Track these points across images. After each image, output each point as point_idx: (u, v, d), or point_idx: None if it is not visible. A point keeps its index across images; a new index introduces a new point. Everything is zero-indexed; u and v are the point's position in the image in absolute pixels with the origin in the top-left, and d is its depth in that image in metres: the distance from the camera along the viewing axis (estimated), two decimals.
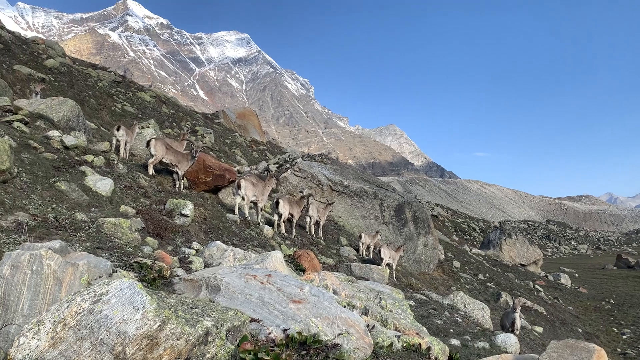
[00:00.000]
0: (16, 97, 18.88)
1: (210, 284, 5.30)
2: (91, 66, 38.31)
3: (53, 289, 3.77)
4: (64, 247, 4.52)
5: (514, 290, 28.04)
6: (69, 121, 13.59)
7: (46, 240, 4.60)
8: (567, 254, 75.64)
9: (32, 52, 29.06)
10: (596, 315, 30.04)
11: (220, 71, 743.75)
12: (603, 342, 24.44)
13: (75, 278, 3.90)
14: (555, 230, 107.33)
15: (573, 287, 37.18)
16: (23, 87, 21.88)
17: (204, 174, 12.64)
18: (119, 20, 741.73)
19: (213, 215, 10.11)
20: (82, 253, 4.59)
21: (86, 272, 4.00)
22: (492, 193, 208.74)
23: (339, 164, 26.72)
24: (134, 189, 9.56)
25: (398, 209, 23.22)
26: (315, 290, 5.29)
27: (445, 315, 9.92)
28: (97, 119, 24.09)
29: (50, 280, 3.77)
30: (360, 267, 11.46)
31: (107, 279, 4.16)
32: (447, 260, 28.14)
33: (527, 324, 21.29)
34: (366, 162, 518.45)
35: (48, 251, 3.84)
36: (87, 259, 4.20)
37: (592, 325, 27.56)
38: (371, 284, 7.29)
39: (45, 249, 3.86)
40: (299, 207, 14.34)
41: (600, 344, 24.13)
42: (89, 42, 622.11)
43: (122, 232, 7.05)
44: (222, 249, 7.64)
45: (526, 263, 42.82)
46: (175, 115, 35.61)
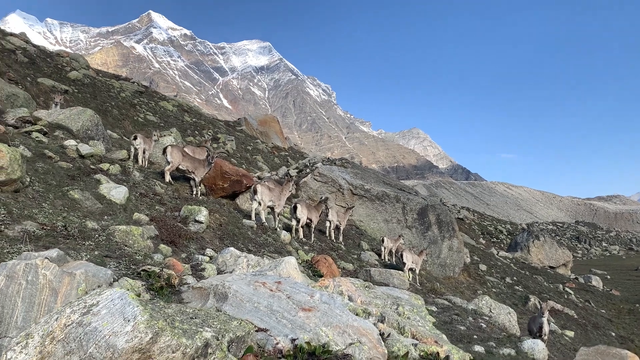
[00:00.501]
0: (40, 108, 19.13)
1: (218, 292, 5.13)
2: (114, 77, 38.85)
3: (48, 299, 3.64)
4: (61, 256, 4.39)
5: (542, 293, 27.31)
6: (88, 130, 13.67)
7: (52, 249, 4.48)
8: (598, 256, 73.75)
9: (56, 65, 29.57)
10: (630, 318, 29.05)
11: (243, 80, 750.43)
12: (638, 346, 23.58)
13: (71, 288, 3.76)
14: (585, 232, 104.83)
15: (605, 290, 36.09)
16: (47, 99, 22.22)
17: (221, 180, 12.55)
18: (144, 32, 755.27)
19: (229, 222, 9.98)
20: (80, 262, 4.47)
21: (83, 281, 3.86)
22: (519, 195, 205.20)
23: (360, 167, 26.46)
24: (149, 197, 9.49)
25: (421, 212, 22.83)
26: (326, 297, 5.08)
27: (468, 321, 9.57)
28: (120, 129, 24.36)
29: (45, 291, 3.64)
30: (380, 272, 11.18)
31: (106, 288, 4.01)
32: (473, 264, 27.58)
33: (557, 328, 20.65)
34: (390, 166, 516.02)
35: (44, 260, 3.71)
36: (85, 267, 4.07)
37: (625, 328, 26.65)
38: (389, 290, 7.03)
39: (42, 259, 3.73)
40: (317, 211, 14.14)
41: (634, 348, 23.29)
42: (115, 54, 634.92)
43: (133, 239, 6.95)
44: (235, 255, 7.48)
45: (555, 265, 41.79)
46: (197, 123, 35.82)
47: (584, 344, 20.98)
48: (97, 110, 25.42)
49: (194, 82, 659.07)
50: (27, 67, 25.44)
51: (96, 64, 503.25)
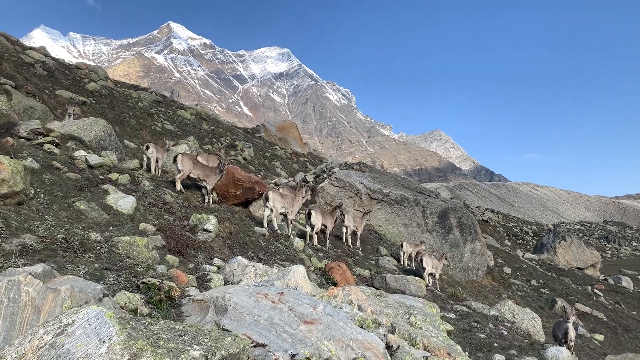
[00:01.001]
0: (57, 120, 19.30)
1: (218, 305, 4.91)
2: (132, 88, 39.22)
3: (31, 318, 3.46)
4: (48, 271, 4.22)
5: (570, 295, 26.55)
6: (101, 141, 13.66)
7: (38, 265, 4.32)
8: (628, 255, 71.84)
9: (75, 77, 29.93)
10: None
11: (263, 87, 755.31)
12: None
13: (55, 305, 3.58)
14: (614, 231, 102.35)
15: (636, 291, 34.99)
16: (64, 111, 22.39)
17: (233, 188, 12.38)
18: (164, 43, 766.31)
19: (239, 230, 9.77)
20: (68, 277, 4.29)
21: (69, 297, 3.68)
22: (545, 195, 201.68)
23: (378, 171, 26.12)
24: (158, 206, 9.36)
25: (442, 215, 22.40)
26: (329, 309, 4.82)
27: (489, 328, 9.17)
28: (137, 139, 24.47)
29: (28, 309, 3.46)
30: (396, 279, 10.84)
31: (93, 304, 3.82)
32: (497, 267, 26.97)
33: (585, 332, 19.99)
34: (412, 169, 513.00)
35: (27, 277, 3.54)
36: (71, 283, 3.89)
37: None
38: (402, 298, 6.74)
39: (25, 275, 3.56)
40: (332, 217, 13.85)
41: None
42: (136, 66, 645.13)
43: (137, 250, 6.79)
44: (242, 264, 7.27)
45: (583, 266, 40.71)
46: (215, 131, 35.92)
47: (614, 348, 20.29)
48: (114, 121, 25.72)
49: (214, 91, 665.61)
50: (46, 80, 25.77)
51: (118, 75, 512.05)
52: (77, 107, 18.71)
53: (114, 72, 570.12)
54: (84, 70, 34.00)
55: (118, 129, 25.15)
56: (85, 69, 34.97)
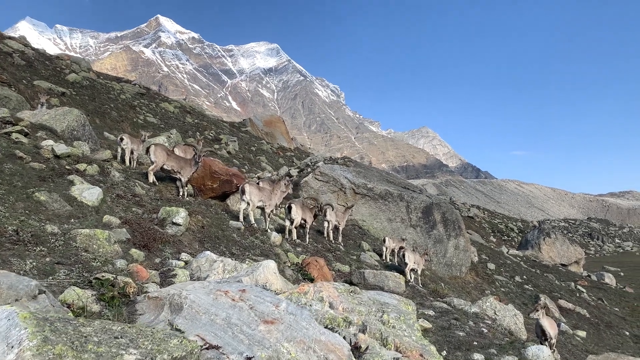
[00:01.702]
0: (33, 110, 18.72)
1: (173, 303, 4.56)
2: (115, 80, 38.51)
3: None
4: None
5: (553, 292, 26.50)
6: (74, 131, 13.18)
7: None
8: (611, 252, 72.46)
9: (55, 68, 29.25)
10: None
11: (252, 82, 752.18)
12: None
13: None
14: (598, 228, 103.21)
15: (618, 287, 35.12)
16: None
17: (210, 180, 11.99)
18: (152, 36, 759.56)
19: (212, 223, 9.39)
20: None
21: None
22: (530, 192, 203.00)
23: (363, 166, 25.83)
24: (127, 198, 8.94)
25: (426, 210, 22.17)
26: (292, 307, 4.49)
27: (468, 326, 8.90)
28: (118, 130, 23.89)
29: None
30: (375, 275, 10.54)
31: (27, 302, 3.46)
32: (481, 263, 26.84)
33: (568, 328, 19.92)
34: (399, 165, 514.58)
35: None
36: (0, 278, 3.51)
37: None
38: (377, 295, 6.42)
39: None
40: (312, 212, 13.52)
41: None
42: (124, 59, 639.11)
43: (98, 244, 6.40)
44: (211, 259, 6.91)
45: (567, 263, 40.86)
46: (199, 124, 35.38)
47: (596, 344, 20.24)
48: (94, 112, 25.14)
49: (202, 85, 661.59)
50: (24, 70, 25.10)
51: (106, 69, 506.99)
52: (49, 96, 18.12)
53: (101, 65, 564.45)
54: (66, 62, 33.27)
55: (98, 121, 24.58)
56: (67, 60, 34.23)
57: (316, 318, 5.49)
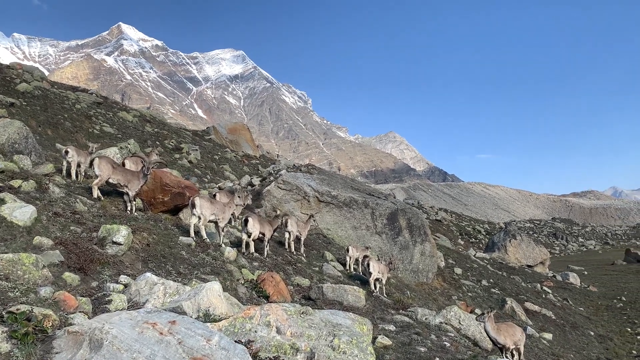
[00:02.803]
0: None
1: (93, 339, 4.04)
2: (71, 89, 37.22)
3: None
4: None
5: (520, 294, 26.63)
6: (15, 144, 12.41)
7: None
8: (575, 251, 73.99)
9: (4, 78, 28.07)
10: (608, 315, 28.55)
11: (218, 89, 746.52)
12: (617, 344, 23.00)
13: None
14: (562, 228, 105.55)
15: (583, 286, 35.65)
16: None
17: (161, 193, 11.38)
18: (114, 44, 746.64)
19: (159, 241, 8.82)
20: None
21: None
22: (496, 194, 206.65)
23: (326, 173, 25.48)
24: (66, 216, 8.31)
25: (391, 217, 21.93)
26: (225, 341, 4.02)
27: (430, 340, 8.55)
28: (72, 142, 22.95)
29: None
30: (334, 289, 10.12)
31: None
32: (448, 268, 26.77)
33: (534, 331, 19.93)
34: (368, 170, 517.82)
35: None
36: None
37: (604, 326, 26.10)
38: (330, 315, 6.00)
39: None
40: (271, 225, 12.99)
41: (614, 346, 22.69)
42: (85, 68, 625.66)
43: (23, 270, 5.80)
44: (151, 282, 6.38)
45: (533, 264, 41.35)
46: (159, 133, 34.47)
47: (562, 347, 20.28)
48: (46, 123, 24.12)
49: (167, 93, 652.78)
50: None
51: (66, 78, 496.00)
52: None
53: (61, 74, 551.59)
54: (17, 71, 32.01)
55: (50, 132, 23.59)
56: (19, 69, 32.96)
57: (261, 346, 5.05)
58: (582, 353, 20.07)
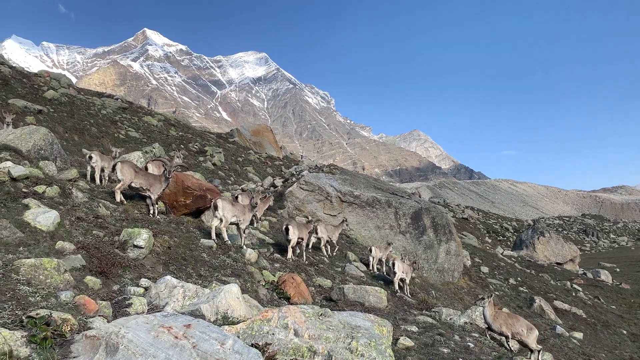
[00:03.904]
0: None
1: (109, 343, 4.07)
2: (97, 95, 37.94)
3: None
4: None
5: (548, 293, 26.10)
6: (41, 150, 12.67)
7: None
8: (607, 248, 72.28)
9: (33, 85, 28.73)
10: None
11: (241, 91, 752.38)
12: None
13: None
14: (592, 224, 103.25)
15: (615, 284, 34.74)
16: (16, 120, 21.26)
17: (183, 196, 11.46)
18: (140, 50, 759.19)
19: (180, 243, 8.87)
20: None
21: None
22: (524, 191, 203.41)
23: (349, 173, 25.38)
24: (88, 220, 8.42)
25: (415, 216, 21.72)
26: (239, 345, 4.00)
27: (454, 341, 8.41)
28: (98, 147, 23.36)
29: None
30: (355, 290, 10.04)
31: None
32: (475, 266, 26.41)
33: (564, 330, 19.48)
34: (392, 169, 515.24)
35: None
36: None
37: (637, 324, 25.42)
38: (349, 317, 5.94)
39: None
40: (307, 229, 13.55)
41: None
42: (112, 74, 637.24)
43: (45, 274, 5.89)
44: (170, 285, 6.42)
45: (562, 261, 40.51)
46: (183, 137, 34.84)
47: (594, 346, 19.79)
48: (73, 129, 24.58)
49: (192, 97, 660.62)
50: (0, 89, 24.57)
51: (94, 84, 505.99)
52: (15, 115, 17.52)
53: (89, 81, 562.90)
54: (45, 78, 32.73)
55: (77, 138, 24.04)
56: (46, 77, 33.70)
57: (278, 349, 5.02)
58: (614, 352, 19.55)
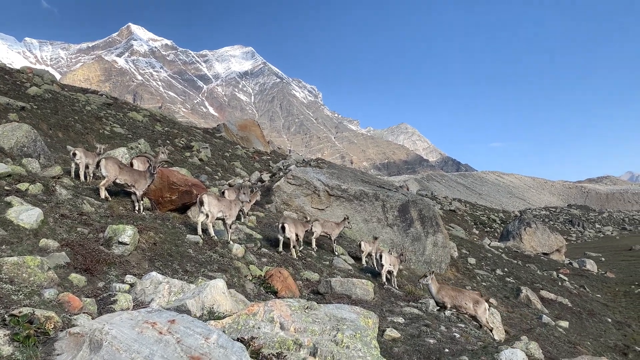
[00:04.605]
0: None
1: (93, 340, 4.05)
2: (81, 91, 37.54)
3: None
4: None
5: (535, 283, 26.40)
6: (24, 147, 12.53)
7: None
8: (592, 238, 73.12)
9: (15, 82, 28.35)
10: (626, 301, 28.20)
11: (228, 86, 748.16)
12: (635, 330, 22.73)
13: None
14: (578, 214, 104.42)
15: (600, 273, 35.23)
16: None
17: (168, 192, 11.41)
18: (125, 45, 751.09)
19: (166, 239, 8.84)
20: None
21: None
22: (511, 182, 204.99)
23: (336, 166, 25.41)
24: (73, 217, 8.36)
25: (402, 208, 21.83)
26: (223, 339, 4.01)
27: (440, 332, 8.48)
28: (83, 144, 23.15)
29: None
30: (342, 283, 10.08)
31: None
32: (462, 258, 26.61)
33: (550, 320, 19.73)
34: (380, 162, 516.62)
35: None
36: None
37: (622, 312, 25.80)
38: (335, 309, 5.97)
39: None
40: (303, 226, 14.08)
41: (632, 332, 22.43)
42: (97, 70, 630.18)
43: (28, 272, 5.85)
44: (156, 281, 6.40)
45: (549, 252, 40.97)
46: (169, 132, 34.61)
47: (579, 334, 20.07)
48: (57, 126, 24.32)
49: (178, 92, 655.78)
50: None
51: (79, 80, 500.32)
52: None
53: (73, 77, 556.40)
54: (27, 75, 32.31)
55: (61, 135, 23.81)
56: (29, 73, 33.27)
57: (264, 342, 5.04)
58: (599, 340, 19.86)
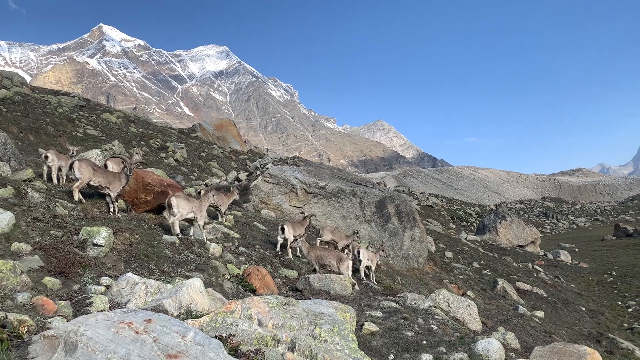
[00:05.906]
0: None
1: (68, 342, 4.02)
2: (52, 93, 36.91)
3: None
4: None
5: (511, 274, 26.85)
6: None
7: None
8: (566, 229, 74.61)
9: None
10: (599, 289, 28.88)
11: (203, 86, 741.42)
12: (608, 318, 23.27)
13: None
14: (552, 207, 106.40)
15: (574, 263, 36.01)
16: None
17: (143, 193, 11.31)
18: (96, 46, 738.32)
19: (141, 241, 8.78)
20: None
21: None
22: (486, 177, 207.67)
23: (313, 164, 25.47)
24: (46, 220, 8.24)
25: (379, 204, 21.98)
26: (200, 337, 4.02)
27: (417, 324, 8.61)
28: (55, 146, 22.76)
29: None
30: (320, 279, 10.13)
31: None
32: (439, 252, 26.91)
33: (526, 310, 20.08)
34: (358, 160, 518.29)
35: None
36: None
37: (595, 301, 26.40)
38: (313, 305, 6.01)
39: None
40: (302, 226, 14.52)
41: (605, 320, 22.96)
42: (68, 71, 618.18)
43: (0, 276, 5.76)
44: (132, 282, 6.36)
45: (524, 244, 41.68)
46: (144, 133, 34.24)
47: (554, 323, 20.49)
48: (28, 129, 23.88)
49: (152, 93, 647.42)
50: None
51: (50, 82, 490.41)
52: None
53: (44, 79, 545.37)
54: None
55: (32, 138, 23.40)
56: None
57: (242, 339, 5.05)
58: (573, 329, 20.29)
